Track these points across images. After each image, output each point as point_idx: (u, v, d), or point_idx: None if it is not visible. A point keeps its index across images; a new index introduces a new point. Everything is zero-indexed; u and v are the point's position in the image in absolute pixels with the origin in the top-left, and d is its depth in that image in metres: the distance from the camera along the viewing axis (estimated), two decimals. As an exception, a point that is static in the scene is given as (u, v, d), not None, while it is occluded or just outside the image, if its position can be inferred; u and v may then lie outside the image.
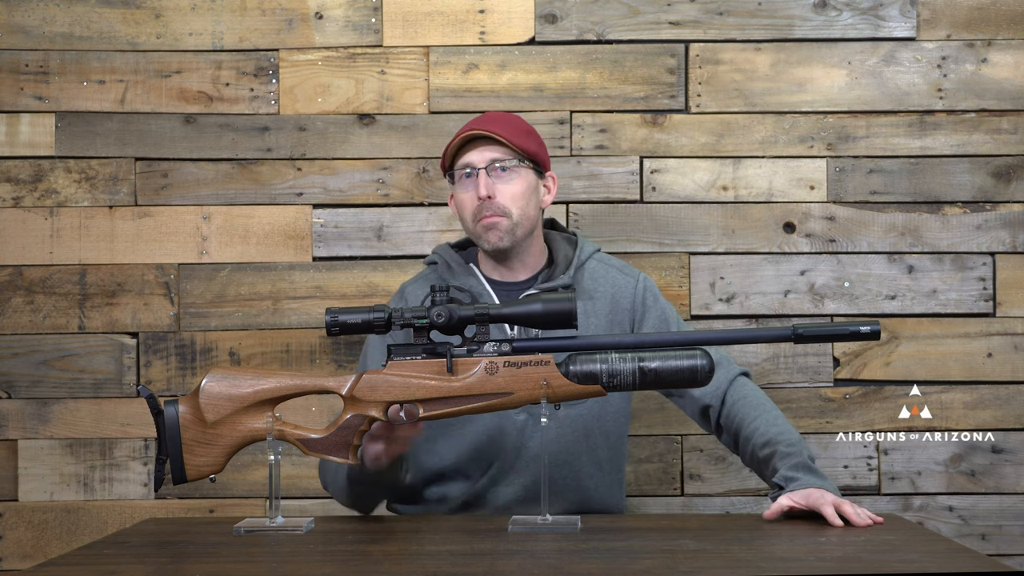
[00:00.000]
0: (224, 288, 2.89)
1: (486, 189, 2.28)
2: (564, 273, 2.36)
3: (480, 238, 2.32)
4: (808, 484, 2.08)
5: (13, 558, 2.85)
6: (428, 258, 2.47)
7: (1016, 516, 2.87)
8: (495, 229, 2.29)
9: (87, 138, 2.89)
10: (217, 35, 2.90)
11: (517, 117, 2.42)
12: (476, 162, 2.31)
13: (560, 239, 2.44)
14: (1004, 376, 2.88)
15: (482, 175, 2.29)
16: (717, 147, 2.90)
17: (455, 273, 2.39)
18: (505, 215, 2.29)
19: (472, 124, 2.34)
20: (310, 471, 2.86)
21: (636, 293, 2.40)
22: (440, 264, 2.42)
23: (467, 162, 2.32)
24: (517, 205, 2.30)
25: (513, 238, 2.31)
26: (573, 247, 2.42)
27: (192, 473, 1.97)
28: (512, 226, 2.30)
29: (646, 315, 2.39)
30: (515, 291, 2.36)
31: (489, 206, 2.29)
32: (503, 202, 2.29)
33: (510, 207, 2.30)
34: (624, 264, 2.46)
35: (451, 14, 2.91)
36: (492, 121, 2.34)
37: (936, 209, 2.90)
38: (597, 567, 1.72)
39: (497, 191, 2.29)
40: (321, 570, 1.78)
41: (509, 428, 2.30)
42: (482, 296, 2.36)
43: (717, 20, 2.90)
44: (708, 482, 2.88)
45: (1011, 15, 2.90)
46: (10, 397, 2.87)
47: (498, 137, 2.29)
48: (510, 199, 2.30)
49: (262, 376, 1.98)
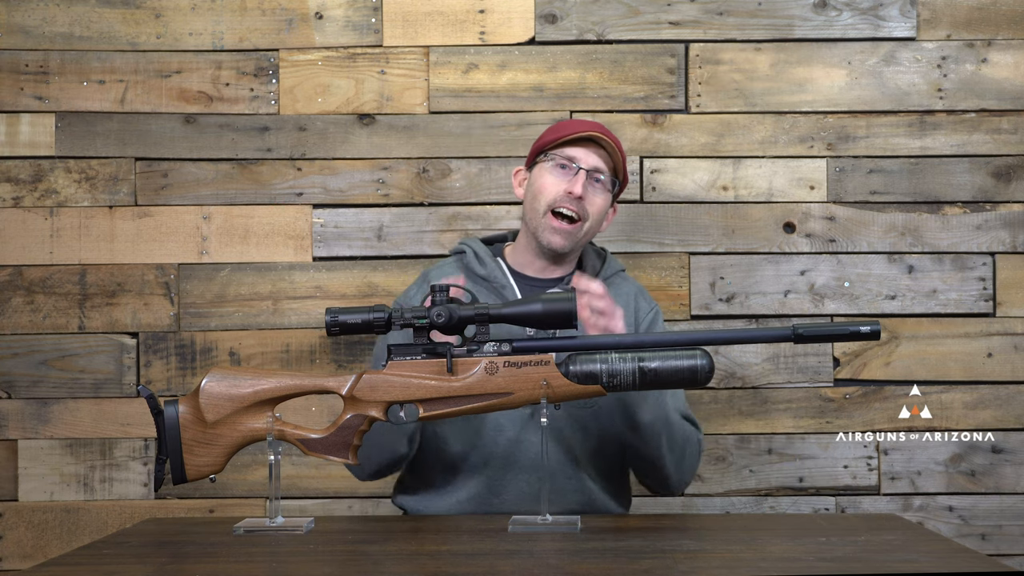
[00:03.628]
0: (224, 288, 2.89)
1: (581, 189, 2.32)
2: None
3: (544, 232, 2.35)
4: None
5: (13, 558, 2.85)
6: (455, 247, 2.49)
7: (1016, 516, 2.87)
8: (563, 234, 2.34)
9: (87, 138, 2.89)
10: (217, 35, 2.90)
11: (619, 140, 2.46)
12: (582, 160, 2.34)
13: (591, 251, 2.50)
14: (1004, 376, 2.88)
15: (582, 175, 2.33)
16: (717, 147, 2.90)
17: (483, 262, 2.41)
18: (583, 219, 2.34)
19: (591, 125, 2.39)
20: (310, 471, 2.86)
21: (647, 317, 2.44)
22: (468, 253, 2.44)
23: (572, 155, 2.35)
24: (595, 217, 2.36)
25: (574, 244, 2.36)
26: (602, 261, 2.48)
27: (192, 473, 1.97)
28: (582, 233, 2.35)
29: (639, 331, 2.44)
30: (540, 288, 2.39)
31: (574, 202, 2.32)
32: (587, 208, 2.34)
33: (591, 214, 2.35)
34: (645, 290, 2.52)
35: (451, 14, 2.90)
36: (609, 134, 2.39)
37: (936, 209, 2.90)
38: (597, 567, 1.72)
39: (587, 197, 2.33)
40: (321, 570, 1.78)
41: (509, 426, 2.30)
42: (505, 288, 2.37)
43: (717, 20, 2.90)
44: (708, 482, 2.88)
45: (1011, 15, 2.90)
46: (10, 397, 2.87)
47: (612, 148, 2.34)
48: (593, 209, 2.35)
49: (262, 376, 1.99)
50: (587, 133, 2.34)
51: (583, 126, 2.37)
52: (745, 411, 2.88)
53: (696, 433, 2.34)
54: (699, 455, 2.35)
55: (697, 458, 2.35)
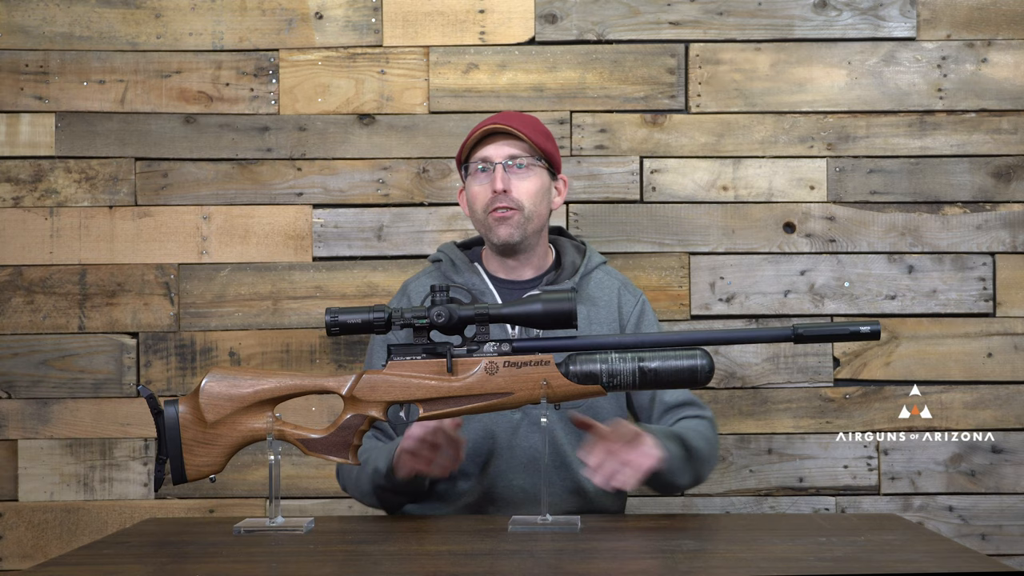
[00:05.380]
0: (224, 288, 2.89)
1: (502, 183, 2.31)
2: (570, 278, 2.39)
3: (491, 231, 2.34)
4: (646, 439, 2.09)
5: (13, 558, 2.85)
6: (432, 255, 2.48)
7: (1016, 516, 2.87)
8: (507, 222, 2.31)
9: (87, 138, 2.89)
10: (217, 35, 2.90)
11: (535, 118, 2.44)
12: (494, 156, 2.33)
13: (569, 245, 2.47)
14: (1004, 376, 2.88)
15: (499, 169, 2.31)
16: (717, 147, 2.90)
17: (459, 270, 2.41)
18: (518, 208, 2.32)
19: (492, 119, 2.36)
20: (310, 471, 2.86)
21: (635, 310, 2.43)
22: (445, 261, 2.44)
23: (484, 156, 2.34)
24: (531, 201, 2.33)
25: (524, 232, 2.33)
26: (582, 255, 2.45)
27: (192, 473, 1.97)
28: (524, 220, 2.32)
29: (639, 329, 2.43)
30: (519, 290, 2.37)
31: (503, 199, 2.31)
32: (517, 196, 2.32)
33: (524, 201, 2.32)
34: (628, 281, 2.49)
35: (451, 14, 2.90)
36: (511, 118, 2.37)
37: (936, 209, 2.90)
38: (597, 567, 1.72)
39: (512, 186, 2.32)
40: (321, 570, 1.77)
41: (504, 426, 2.30)
42: (485, 294, 2.37)
43: (717, 20, 2.90)
44: (708, 482, 2.88)
45: (1011, 15, 2.90)
46: (10, 397, 2.87)
47: (518, 133, 2.32)
48: (524, 195, 2.33)
49: (262, 376, 1.98)
50: (489, 128, 2.33)
51: (485, 122, 2.36)
52: (745, 411, 2.88)
53: (708, 428, 2.32)
54: (717, 439, 2.34)
55: (717, 445, 2.34)
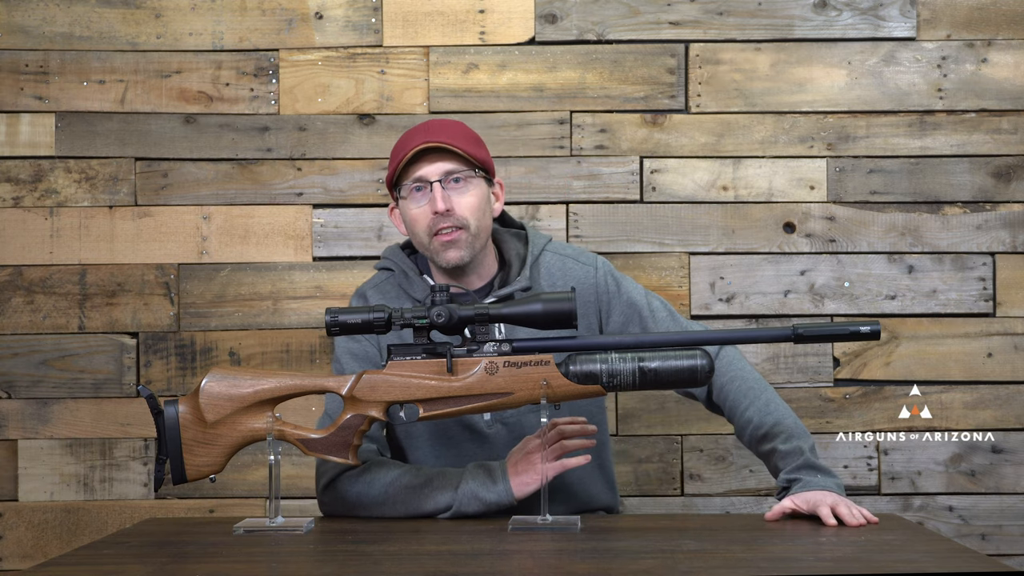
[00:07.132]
0: (224, 288, 2.89)
1: (444, 202, 2.18)
2: (519, 274, 2.29)
3: (438, 255, 2.21)
4: (811, 484, 2.08)
5: (13, 558, 2.85)
6: (380, 263, 2.37)
7: (1016, 516, 2.87)
8: (455, 245, 2.20)
9: (87, 138, 2.89)
10: (217, 35, 2.90)
11: (462, 124, 2.30)
12: (429, 175, 2.20)
13: (509, 236, 2.35)
14: (1004, 376, 2.88)
15: (437, 188, 2.18)
16: (717, 147, 2.90)
17: (411, 282, 2.30)
18: (464, 227, 2.20)
19: (420, 136, 2.22)
20: (310, 471, 2.86)
21: (598, 283, 2.32)
22: (396, 272, 2.33)
23: (419, 176, 2.20)
24: (474, 216, 2.20)
25: (472, 251, 2.22)
26: (524, 243, 2.33)
27: (192, 473, 1.97)
28: (471, 239, 2.21)
29: (612, 305, 2.31)
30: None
31: (447, 219, 2.19)
32: (461, 214, 2.19)
33: (468, 218, 2.20)
34: (579, 250, 2.36)
35: (451, 14, 2.90)
36: (440, 131, 2.23)
37: (936, 209, 2.90)
38: (597, 567, 1.72)
39: (453, 203, 2.19)
40: (321, 570, 1.78)
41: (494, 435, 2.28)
42: None
43: (717, 20, 2.90)
44: (708, 482, 2.88)
45: (1011, 15, 2.90)
46: (10, 397, 2.87)
47: (451, 148, 2.19)
48: (467, 210, 2.20)
49: (262, 376, 1.98)
50: (419, 147, 2.19)
51: (412, 141, 2.21)
52: (745, 411, 2.88)
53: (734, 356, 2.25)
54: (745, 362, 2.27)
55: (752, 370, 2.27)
